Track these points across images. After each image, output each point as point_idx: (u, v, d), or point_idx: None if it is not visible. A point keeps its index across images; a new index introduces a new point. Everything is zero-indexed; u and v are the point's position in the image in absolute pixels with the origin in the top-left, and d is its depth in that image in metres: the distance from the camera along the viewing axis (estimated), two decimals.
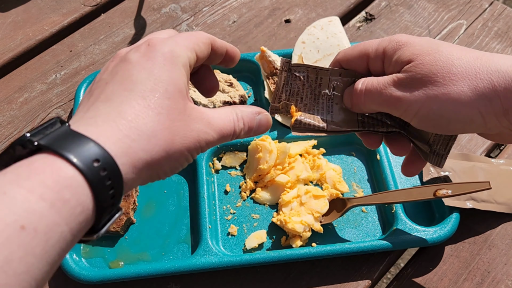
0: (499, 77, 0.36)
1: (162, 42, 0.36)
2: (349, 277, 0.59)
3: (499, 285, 0.58)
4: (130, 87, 0.34)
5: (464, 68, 0.37)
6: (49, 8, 0.89)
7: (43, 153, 0.29)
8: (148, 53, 0.36)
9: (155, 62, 0.35)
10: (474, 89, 0.37)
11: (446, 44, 0.40)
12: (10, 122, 0.74)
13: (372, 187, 0.65)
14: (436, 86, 0.38)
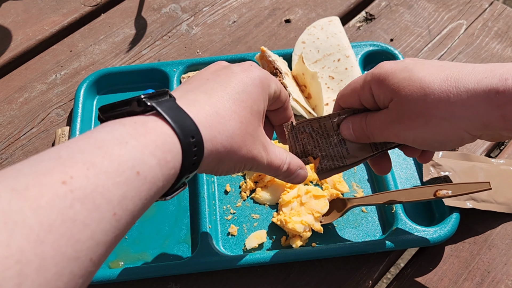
0: (468, 95, 0.38)
1: (261, 70, 0.43)
2: (349, 277, 0.59)
3: (499, 285, 0.58)
4: (227, 91, 0.40)
5: (438, 96, 0.40)
6: (49, 8, 0.89)
7: (153, 115, 0.34)
8: (248, 71, 0.42)
9: (252, 80, 0.41)
10: (452, 114, 0.39)
11: (417, 68, 0.42)
12: (10, 122, 0.74)
13: (372, 187, 0.65)
14: (421, 118, 0.41)
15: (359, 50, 0.77)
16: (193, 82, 0.41)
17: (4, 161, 0.70)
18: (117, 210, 0.29)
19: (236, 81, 0.41)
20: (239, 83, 0.40)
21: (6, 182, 0.26)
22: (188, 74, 0.75)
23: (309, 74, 0.69)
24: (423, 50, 0.81)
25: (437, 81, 0.40)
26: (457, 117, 0.39)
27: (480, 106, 0.38)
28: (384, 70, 0.43)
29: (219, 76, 0.41)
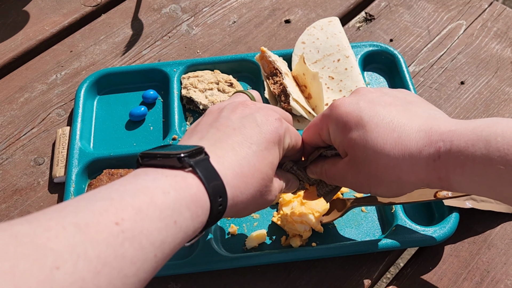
0: (412, 163, 0.43)
1: (279, 120, 0.46)
2: (349, 277, 0.59)
3: (498, 284, 0.58)
4: (252, 147, 0.43)
5: (388, 162, 0.44)
6: (49, 8, 0.89)
7: (192, 172, 0.38)
8: (269, 124, 0.45)
9: (271, 134, 0.45)
10: (399, 178, 0.45)
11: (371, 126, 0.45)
12: (11, 122, 0.74)
13: None
14: (373, 179, 0.46)
15: (358, 51, 0.77)
16: (220, 126, 0.45)
17: (5, 161, 0.70)
18: (157, 252, 0.33)
19: (260, 136, 0.44)
20: (263, 139, 0.44)
21: (70, 217, 0.30)
22: (188, 75, 0.75)
23: (310, 75, 0.70)
24: (423, 50, 0.81)
25: (388, 146, 0.44)
26: (404, 181, 0.45)
27: (422, 172, 0.43)
28: (340, 118, 0.47)
29: (246, 129, 0.44)
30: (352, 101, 0.47)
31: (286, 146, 0.47)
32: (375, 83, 0.76)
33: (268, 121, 0.46)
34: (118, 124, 0.72)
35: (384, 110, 0.45)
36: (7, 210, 0.65)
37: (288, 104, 0.67)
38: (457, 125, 0.43)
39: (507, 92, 0.76)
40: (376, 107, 0.46)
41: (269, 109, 0.48)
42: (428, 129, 0.43)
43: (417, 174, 0.44)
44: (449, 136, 0.42)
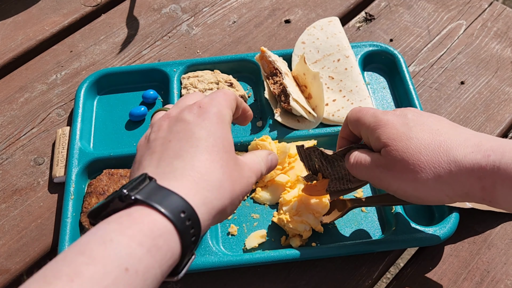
0: (456, 166, 0.43)
1: (210, 104, 0.43)
2: (349, 277, 0.59)
3: (498, 284, 0.58)
4: (195, 143, 0.40)
5: (430, 157, 0.44)
6: (49, 8, 0.89)
7: (139, 205, 0.34)
8: (202, 114, 0.42)
9: (210, 121, 0.42)
10: (438, 177, 0.43)
11: (417, 128, 0.46)
12: (11, 122, 0.74)
13: (372, 187, 0.66)
14: (409, 173, 0.45)
15: (358, 51, 0.77)
16: (155, 148, 0.41)
17: (5, 161, 0.70)
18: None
19: (198, 131, 0.41)
20: (201, 131, 0.41)
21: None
22: (188, 75, 0.75)
23: (310, 74, 0.70)
24: (423, 50, 0.81)
25: (432, 146, 0.44)
26: (442, 182, 0.43)
27: (464, 177, 0.42)
28: (385, 117, 0.48)
29: (179, 133, 0.41)
30: (400, 112, 0.48)
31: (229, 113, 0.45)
32: (375, 83, 0.76)
33: (196, 111, 0.42)
34: (118, 124, 0.72)
35: (430, 121, 0.47)
36: (7, 210, 0.65)
37: (288, 104, 0.67)
38: (508, 141, 0.43)
39: (507, 92, 0.76)
40: (423, 118, 0.47)
41: (192, 103, 0.45)
42: (478, 142, 0.43)
43: (459, 178, 0.42)
44: (501, 147, 0.42)
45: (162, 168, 0.39)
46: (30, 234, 0.63)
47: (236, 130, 0.71)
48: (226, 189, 0.39)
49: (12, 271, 0.61)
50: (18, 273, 0.61)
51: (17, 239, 0.63)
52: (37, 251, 0.62)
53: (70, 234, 0.59)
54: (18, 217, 0.65)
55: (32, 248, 0.62)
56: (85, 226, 0.61)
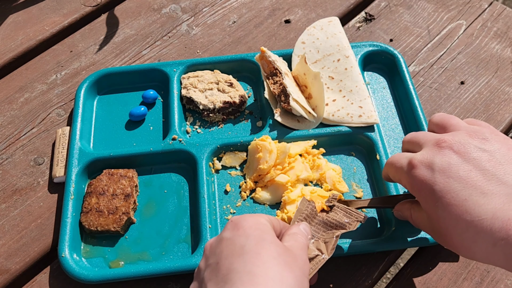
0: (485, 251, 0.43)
1: (243, 217, 0.45)
2: (349, 277, 0.59)
3: (498, 284, 0.58)
4: (240, 252, 0.41)
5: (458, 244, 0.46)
6: (49, 8, 0.89)
7: None
8: (235, 226, 0.44)
9: (245, 228, 0.44)
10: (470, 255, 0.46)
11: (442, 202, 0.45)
12: (11, 122, 0.74)
13: (372, 187, 0.66)
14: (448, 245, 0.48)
15: (358, 51, 0.77)
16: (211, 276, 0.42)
17: (5, 161, 0.70)
18: None
19: (238, 241, 0.43)
20: (241, 239, 0.43)
21: None
22: (188, 75, 0.75)
23: (311, 74, 0.70)
24: (423, 50, 0.81)
25: (458, 229, 0.44)
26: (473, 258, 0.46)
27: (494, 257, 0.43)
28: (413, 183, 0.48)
29: (223, 252, 0.42)
30: (429, 165, 0.47)
31: (269, 223, 0.46)
32: (375, 83, 0.76)
33: (230, 228, 0.45)
34: (118, 124, 0.72)
35: (459, 186, 0.45)
36: (7, 210, 0.65)
37: (288, 104, 0.67)
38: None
39: (507, 92, 0.76)
40: (450, 182, 0.45)
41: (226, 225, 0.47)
42: (506, 219, 0.41)
43: (488, 257, 0.43)
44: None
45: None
46: (30, 234, 0.63)
47: (236, 130, 0.71)
48: (288, 277, 0.40)
49: (12, 271, 0.61)
50: (18, 273, 0.61)
51: (17, 239, 0.63)
52: (37, 251, 0.62)
53: (70, 234, 0.59)
54: (18, 217, 0.65)
55: (32, 248, 0.62)
56: (85, 226, 0.61)
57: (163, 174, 0.67)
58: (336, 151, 0.69)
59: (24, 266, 0.61)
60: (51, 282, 0.59)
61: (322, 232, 0.54)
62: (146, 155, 0.67)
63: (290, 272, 0.41)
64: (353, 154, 0.69)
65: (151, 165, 0.68)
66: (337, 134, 0.68)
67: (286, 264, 0.41)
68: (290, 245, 0.45)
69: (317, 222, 0.55)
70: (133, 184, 0.64)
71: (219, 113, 0.72)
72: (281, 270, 0.40)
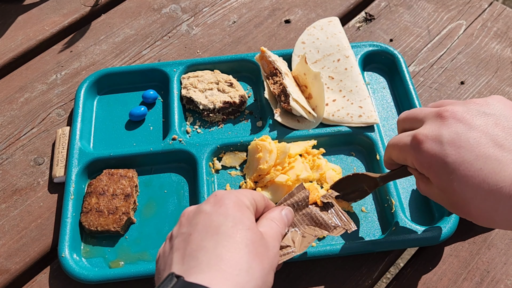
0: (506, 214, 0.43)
1: (227, 193, 0.44)
2: (349, 277, 0.59)
3: (498, 284, 0.58)
4: (215, 231, 0.40)
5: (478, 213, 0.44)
6: (49, 8, 0.89)
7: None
8: (217, 202, 0.43)
9: (226, 207, 0.42)
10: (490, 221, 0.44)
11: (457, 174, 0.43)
12: (11, 122, 0.74)
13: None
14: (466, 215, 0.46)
15: (358, 51, 0.77)
16: (177, 244, 0.41)
17: (5, 161, 0.70)
18: None
19: (216, 218, 0.41)
20: (219, 217, 0.41)
21: None
22: (188, 75, 0.75)
23: (311, 74, 0.70)
24: (423, 50, 0.81)
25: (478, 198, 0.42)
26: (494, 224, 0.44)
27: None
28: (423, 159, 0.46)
29: (198, 225, 0.41)
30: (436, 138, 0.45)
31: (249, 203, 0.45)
32: (375, 83, 0.76)
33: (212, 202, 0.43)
34: (118, 124, 0.72)
35: (471, 155, 0.43)
36: (7, 210, 0.65)
37: (288, 104, 0.67)
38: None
39: (507, 92, 0.76)
40: (462, 152, 0.43)
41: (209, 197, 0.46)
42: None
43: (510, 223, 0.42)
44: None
45: (188, 264, 0.39)
46: (30, 234, 0.63)
47: (236, 130, 0.71)
48: (255, 269, 0.39)
49: (12, 271, 0.61)
50: (18, 273, 0.61)
51: (17, 239, 0.63)
52: (37, 251, 0.62)
53: (70, 234, 0.59)
54: (18, 217, 0.65)
55: (32, 248, 0.62)
56: (85, 226, 0.61)
57: (163, 174, 0.67)
58: (336, 151, 0.69)
59: (24, 266, 0.61)
60: (51, 282, 0.59)
61: (305, 225, 0.53)
62: (146, 155, 0.67)
63: (259, 264, 0.39)
64: (353, 154, 0.69)
65: (151, 165, 0.68)
66: (337, 134, 0.68)
67: (256, 255, 0.40)
68: (265, 231, 0.44)
69: (305, 213, 0.54)
70: (133, 184, 0.64)
71: (219, 113, 0.72)
72: (251, 260, 0.39)
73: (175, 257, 0.40)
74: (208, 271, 0.37)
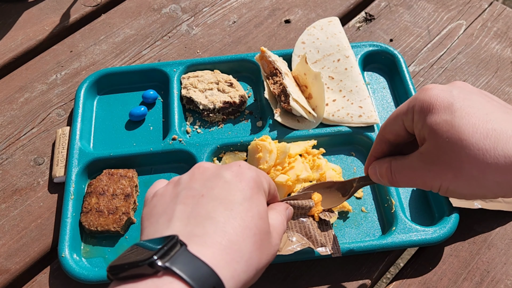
0: (505, 161, 0.38)
1: (250, 169, 0.42)
2: (349, 277, 0.59)
3: (498, 284, 0.58)
4: (230, 206, 0.38)
5: (474, 153, 0.38)
6: (49, 8, 0.89)
7: (169, 275, 0.33)
8: (240, 175, 0.41)
9: (247, 184, 0.40)
10: (484, 175, 0.39)
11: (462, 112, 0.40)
12: (11, 122, 0.74)
13: (372, 187, 0.66)
14: (450, 171, 0.40)
15: (358, 51, 0.77)
16: (186, 199, 0.39)
17: (5, 161, 0.70)
18: None
19: (234, 193, 0.39)
20: (237, 193, 0.39)
21: None
22: (188, 75, 0.75)
23: (311, 74, 0.70)
24: (423, 50, 0.81)
25: (477, 135, 0.38)
26: (487, 179, 0.39)
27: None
28: (428, 100, 0.42)
29: (214, 190, 0.39)
30: (446, 87, 0.43)
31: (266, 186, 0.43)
32: (375, 83, 0.76)
33: (235, 171, 0.41)
34: (118, 124, 0.72)
35: (479, 102, 0.41)
36: (7, 210, 0.65)
37: (288, 104, 0.67)
38: None
39: (507, 92, 0.76)
40: (471, 97, 0.41)
41: (230, 163, 0.43)
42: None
43: (508, 174, 0.38)
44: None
45: (192, 227, 0.37)
46: (30, 234, 0.63)
47: (236, 130, 0.71)
48: (254, 261, 0.38)
49: (12, 271, 0.61)
50: (18, 273, 0.61)
51: (17, 239, 0.63)
52: (37, 251, 0.62)
53: (70, 234, 0.59)
54: (18, 217, 0.65)
55: (32, 248, 0.62)
56: (85, 226, 0.61)
57: (163, 174, 0.67)
58: (336, 151, 0.69)
59: (24, 266, 0.61)
60: (51, 282, 0.59)
61: (295, 231, 0.52)
62: (146, 155, 0.67)
63: (258, 256, 0.38)
64: (353, 154, 0.69)
65: (151, 165, 0.68)
66: (337, 134, 0.68)
67: (260, 247, 0.38)
68: (273, 224, 0.43)
69: (300, 221, 0.53)
70: (133, 184, 0.64)
71: (219, 113, 0.72)
72: (254, 251, 0.37)
73: (179, 211, 0.38)
74: (211, 246, 0.35)
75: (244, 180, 0.40)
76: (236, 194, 0.39)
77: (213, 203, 0.38)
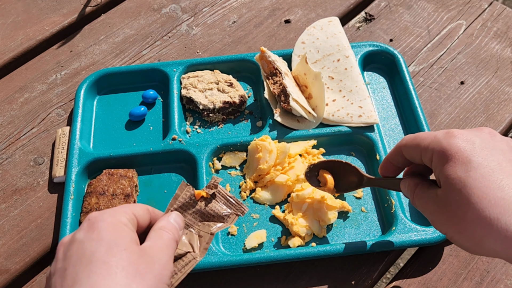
0: (505, 235, 0.39)
1: (101, 214, 0.41)
2: (349, 277, 0.59)
3: (498, 284, 0.58)
4: (88, 260, 0.37)
5: (479, 219, 0.40)
6: (49, 8, 0.89)
7: None
8: (91, 227, 0.40)
9: (100, 230, 0.40)
10: (483, 240, 0.40)
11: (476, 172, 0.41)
12: (11, 122, 0.74)
13: (372, 187, 0.66)
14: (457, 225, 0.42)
15: (358, 50, 0.77)
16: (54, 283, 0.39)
17: (5, 161, 0.70)
18: None
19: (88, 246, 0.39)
20: (91, 243, 0.39)
21: None
22: (188, 75, 0.75)
23: (311, 74, 0.70)
24: (423, 50, 0.81)
25: (486, 201, 0.40)
26: (485, 246, 0.41)
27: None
28: (449, 149, 0.44)
29: (72, 257, 0.39)
30: (470, 136, 0.44)
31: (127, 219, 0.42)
32: (375, 83, 0.76)
33: (85, 227, 0.40)
34: (118, 124, 0.72)
35: (498, 162, 0.42)
36: (7, 210, 0.65)
37: (288, 104, 0.67)
38: None
39: (507, 92, 0.76)
40: (491, 156, 0.42)
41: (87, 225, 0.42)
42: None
43: (507, 245, 0.40)
44: None
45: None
46: (30, 234, 0.63)
47: (236, 130, 0.71)
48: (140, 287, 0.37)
49: (12, 271, 0.61)
50: (18, 273, 0.61)
51: (17, 239, 0.63)
52: (37, 251, 0.62)
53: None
54: (18, 217, 0.65)
55: (32, 248, 0.62)
56: None
57: (163, 174, 0.67)
58: (336, 151, 0.69)
59: (24, 266, 0.61)
60: None
61: (198, 222, 0.49)
62: (146, 155, 0.67)
63: (140, 283, 0.37)
64: (353, 154, 0.69)
65: (151, 165, 0.68)
66: (337, 134, 0.68)
67: (136, 274, 0.38)
68: (149, 245, 0.42)
69: (194, 211, 0.50)
70: (133, 184, 0.64)
71: (219, 113, 0.72)
72: (130, 282, 0.37)
73: None
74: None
75: (95, 230, 0.40)
76: (91, 245, 0.39)
77: (75, 268, 0.38)
